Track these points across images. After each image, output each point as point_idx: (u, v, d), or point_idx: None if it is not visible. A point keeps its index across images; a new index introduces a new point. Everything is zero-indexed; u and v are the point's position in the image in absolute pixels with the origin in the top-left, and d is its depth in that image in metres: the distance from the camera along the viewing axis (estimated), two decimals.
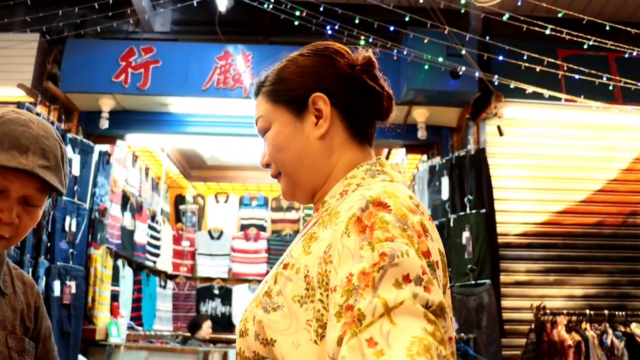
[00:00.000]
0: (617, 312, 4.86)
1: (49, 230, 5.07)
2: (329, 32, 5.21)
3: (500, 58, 5.22)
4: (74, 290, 5.23)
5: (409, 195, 1.05)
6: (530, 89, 5.17)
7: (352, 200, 1.03)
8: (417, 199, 1.07)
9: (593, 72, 5.24)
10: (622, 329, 4.77)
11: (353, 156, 1.20)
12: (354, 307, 0.87)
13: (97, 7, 5.31)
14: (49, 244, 5.08)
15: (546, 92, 5.17)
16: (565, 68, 5.38)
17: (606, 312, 4.84)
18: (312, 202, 1.26)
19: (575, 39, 5.03)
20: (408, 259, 0.89)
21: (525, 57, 5.13)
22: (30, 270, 4.77)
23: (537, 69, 5.12)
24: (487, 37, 5.38)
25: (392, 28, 5.31)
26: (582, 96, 5.37)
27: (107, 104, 5.76)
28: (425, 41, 5.17)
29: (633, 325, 4.78)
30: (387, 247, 0.91)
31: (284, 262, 1.11)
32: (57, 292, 5.05)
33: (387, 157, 7.36)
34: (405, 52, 5.22)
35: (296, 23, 5.30)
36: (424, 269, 0.90)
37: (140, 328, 6.83)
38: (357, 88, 1.20)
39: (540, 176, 5.55)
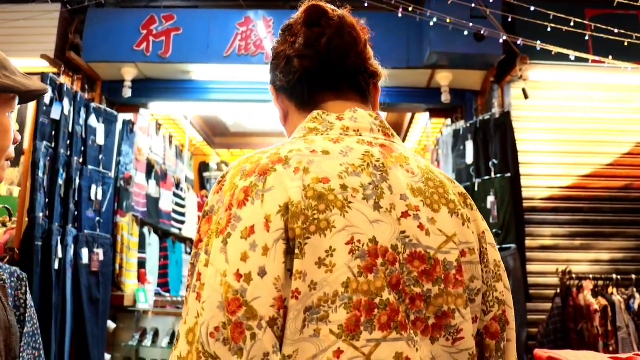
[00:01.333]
0: None
1: (76, 199, 5.14)
2: None
3: (525, 19, 5.11)
4: (101, 258, 5.31)
5: (288, 150, 1.03)
6: (556, 50, 5.06)
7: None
8: (303, 150, 1.03)
9: (622, 31, 5.10)
10: None
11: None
12: None
13: None
14: (76, 213, 5.15)
15: (573, 54, 5.06)
16: (593, 28, 5.25)
17: (633, 276, 4.80)
18: None
19: None
20: (195, 272, 0.97)
21: (551, 18, 5.01)
22: (59, 238, 4.84)
23: (564, 30, 5.00)
24: None
25: None
26: (611, 57, 5.25)
27: (129, 72, 5.76)
28: (449, 3, 5.07)
29: None
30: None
31: None
32: (85, 259, 5.13)
33: (410, 122, 7.30)
34: (428, 15, 5.13)
35: None
36: (198, 275, 0.95)
37: (167, 294, 6.94)
38: (282, 64, 1.21)
39: (566, 139, 5.46)
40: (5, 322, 1.22)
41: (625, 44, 5.16)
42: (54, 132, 4.94)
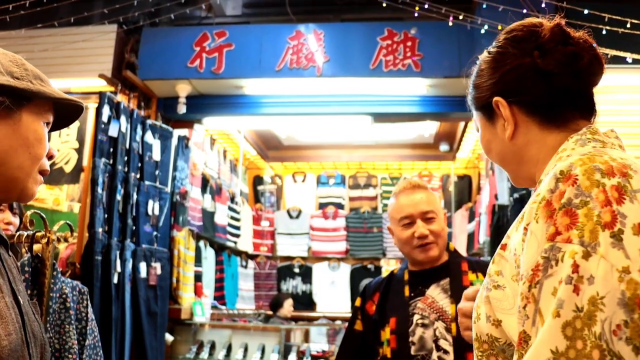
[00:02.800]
0: None
1: (134, 214, 5.25)
2: (400, 6, 5.12)
3: (579, 22, 4.99)
4: (159, 272, 5.41)
5: (619, 157, 1.03)
6: (612, 53, 4.94)
7: (546, 180, 1.04)
8: (630, 159, 1.03)
9: None
10: None
11: (556, 139, 1.18)
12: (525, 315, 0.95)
13: None
14: (134, 228, 5.26)
15: (630, 56, 4.93)
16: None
17: None
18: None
19: None
20: (562, 264, 0.92)
21: (606, 20, 4.89)
22: (118, 252, 4.95)
23: (620, 32, 4.88)
24: (565, 1, 5.16)
25: None
26: None
27: (183, 89, 5.87)
28: (500, 9, 5.01)
29: None
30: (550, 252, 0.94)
31: (502, 243, 1.14)
32: (143, 273, 5.23)
33: (463, 130, 7.22)
34: (479, 22, 5.08)
35: None
36: (574, 266, 0.90)
37: (223, 307, 7.00)
38: (535, 77, 1.19)
39: (626, 144, 5.30)
40: (42, 340, 1.24)
41: None
42: (112, 149, 5.07)
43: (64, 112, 1.35)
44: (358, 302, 2.48)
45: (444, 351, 2.17)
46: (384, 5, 5.21)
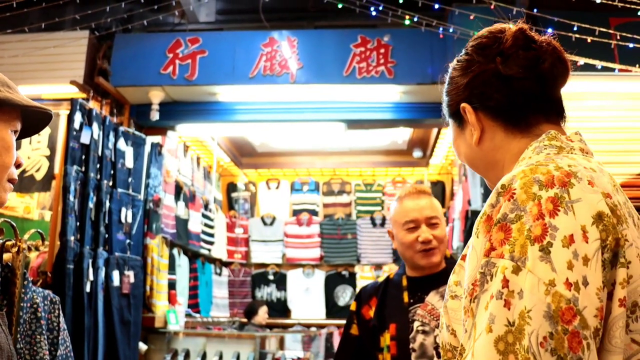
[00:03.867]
0: None
1: (107, 222, 5.20)
2: (373, 13, 5.15)
3: (550, 31, 5.07)
4: (132, 280, 5.36)
5: (567, 164, 1.03)
6: (581, 60, 5.02)
7: (492, 193, 1.05)
8: (579, 165, 1.04)
9: None
10: None
11: (519, 144, 1.20)
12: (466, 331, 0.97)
13: (142, 1, 5.38)
14: (106, 236, 5.21)
15: (599, 63, 5.01)
16: (619, 37, 5.20)
17: None
18: None
19: (628, 5, 4.85)
20: (494, 279, 0.94)
21: (575, 28, 4.98)
22: (90, 261, 4.90)
23: (589, 40, 4.96)
24: (535, 10, 5.24)
25: (437, 6, 5.22)
26: (637, 65, 5.19)
27: (156, 95, 5.85)
28: (472, 17, 5.06)
29: None
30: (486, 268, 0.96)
31: (463, 254, 1.14)
32: (116, 281, 5.18)
33: (436, 137, 7.28)
34: (451, 30, 5.13)
35: (340, 6, 5.26)
36: (504, 281, 0.92)
37: (197, 315, 6.96)
38: (498, 83, 1.20)
39: (594, 150, 5.35)
40: (8, 351, 1.22)
41: None
42: (84, 157, 5.02)
43: (33, 119, 1.33)
44: (353, 307, 2.49)
45: None
46: (357, 12, 5.25)
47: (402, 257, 2.45)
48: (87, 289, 4.82)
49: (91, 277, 4.88)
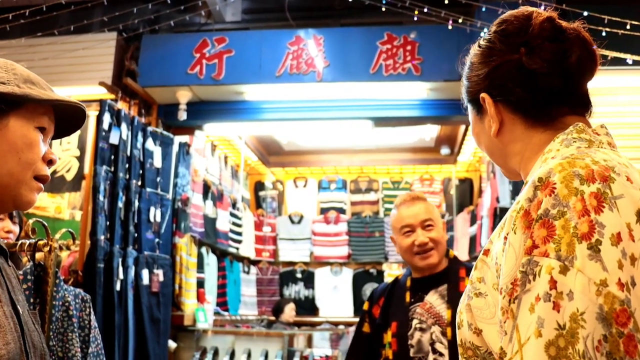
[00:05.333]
0: None
1: (136, 221, 5.25)
2: (399, 10, 5.13)
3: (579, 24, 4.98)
4: (161, 279, 5.41)
5: (602, 159, 0.99)
6: (612, 54, 4.94)
7: (526, 187, 1.00)
8: (614, 160, 1.00)
9: None
10: None
11: (541, 137, 1.16)
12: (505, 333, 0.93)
13: (169, 2, 5.42)
14: (136, 235, 5.26)
15: (630, 57, 4.93)
16: None
17: None
18: None
19: None
20: (539, 279, 0.89)
21: (605, 22, 4.90)
22: (120, 260, 4.95)
23: (619, 33, 4.88)
24: (564, 4, 5.17)
25: (464, 1, 5.18)
26: None
27: (184, 95, 5.88)
28: (499, 12, 5.01)
29: None
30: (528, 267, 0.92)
31: (485, 248, 1.11)
32: (145, 280, 5.22)
33: (464, 134, 7.22)
34: (478, 25, 5.08)
35: (366, 2, 5.24)
36: (552, 282, 0.87)
37: (226, 313, 7.00)
38: (520, 76, 1.15)
39: (626, 145, 5.30)
40: (41, 349, 1.23)
41: None
42: (113, 157, 5.07)
43: (68, 117, 1.33)
44: (366, 306, 2.64)
45: (439, 354, 2.33)
46: (383, 9, 5.22)
47: (404, 260, 2.61)
48: (117, 287, 4.87)
49: (121, 276, 4.93)
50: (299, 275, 8.47)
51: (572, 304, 0.85)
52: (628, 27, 4.85)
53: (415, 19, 5.07)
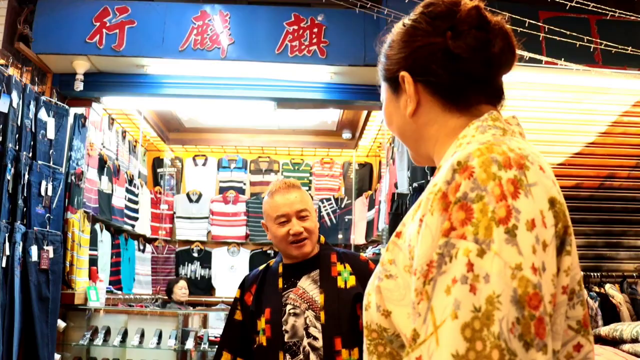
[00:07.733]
0: (592, 274, 4.92)
1: (25, 195, 5.00)
2: None
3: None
4: (51, 255, 5.19)
5: (517, 147, 1.00)
6: (529, 55, 5.13)
7: (444, 169, 1.00)
8: (528, 149, 1.01)
9: (574, 34, 5.21)
10: (597, 289, 4.85)
11: (457, 121, 1.16)
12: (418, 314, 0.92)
13: None
14: (24, 209, 5.02)
15: (527, 54, 5.14)
16: (546, 30, 5.35)
17: (581, 273, 4.89)
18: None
19: (557, 0, 4.99)
20: (456, 261, 0.89)
21: (506, 19, 5.08)
22: (7, 235, 4.71)
23: (518, 31, 5.07)
24: (484, 2, 5.31)
25: None
26: (563, 59, 5.35)
27: (81, 65, 5.64)
28: (406, 1, 5.09)
29: (607, 286, 4.85)
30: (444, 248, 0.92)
31: (397, 231, 1.10)
32: (34, 257, 5.00)
33: (366, 119, 7.33)
34: (385, 12, 5.15)
35: None
36: (469, 265, 0.88)
37: (119, 292, 6.83)
38: (444, 59, 1.15)
39: (534, 139, 5.55)
40: None
41: (577, 46, 5.27)
42: (1, 126, 4.80)
43: None
44: (238, 294, 2.64)
45: (313, 337, 2.37)
46: None
47: (276, 248, 2.63)
48: (3, 264, 4.63)
49: (7, 252, 4.69)
50: (195, 255, 8.39)
51: (489, 286, 0.86)
52: (527, 25, 5.05)
53: (324, 1, 5.08)
